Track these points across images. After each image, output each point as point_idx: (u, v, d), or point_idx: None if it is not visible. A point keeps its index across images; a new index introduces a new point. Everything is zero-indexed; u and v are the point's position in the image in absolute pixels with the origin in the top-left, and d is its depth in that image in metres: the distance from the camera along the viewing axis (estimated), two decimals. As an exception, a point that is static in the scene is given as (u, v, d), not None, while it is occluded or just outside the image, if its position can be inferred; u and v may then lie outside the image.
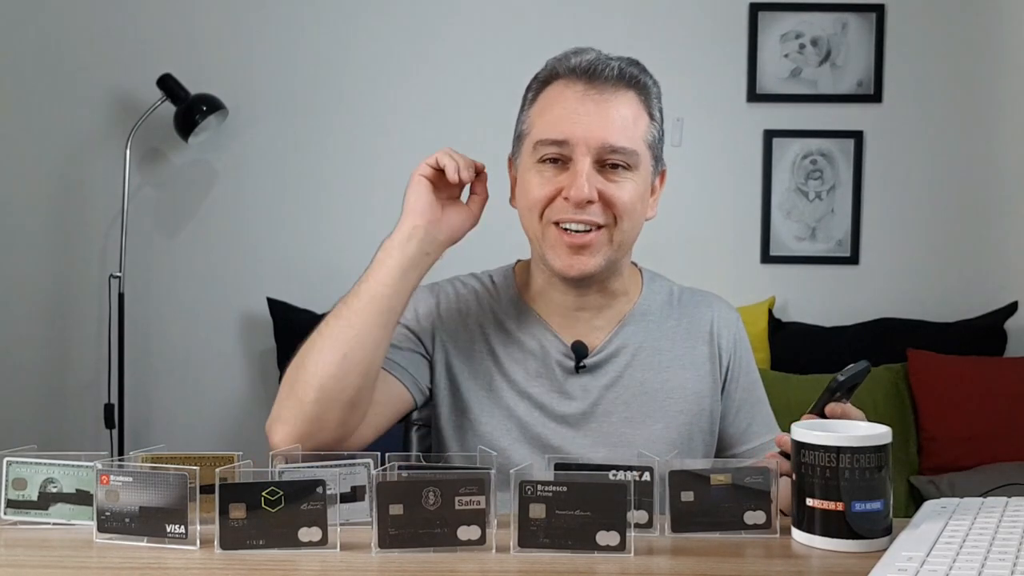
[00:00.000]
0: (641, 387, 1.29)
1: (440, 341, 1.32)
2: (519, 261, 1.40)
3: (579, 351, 1.29)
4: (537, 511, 0.92)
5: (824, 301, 3.00)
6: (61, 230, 3.04)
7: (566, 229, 1.22)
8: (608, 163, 1.21)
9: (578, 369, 1.29)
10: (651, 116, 1.26)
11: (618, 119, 1.21)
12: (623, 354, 1.30)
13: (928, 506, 1.00)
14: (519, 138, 1.29)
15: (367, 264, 1.23)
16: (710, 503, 0.99)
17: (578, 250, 1.22)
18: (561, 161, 1.22)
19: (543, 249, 1.25)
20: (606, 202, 1.21)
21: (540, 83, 1.27)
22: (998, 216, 3.01)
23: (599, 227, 1.22)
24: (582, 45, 1.28)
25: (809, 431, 0.94)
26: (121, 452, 2.73)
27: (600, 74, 1.21)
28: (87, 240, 3.03)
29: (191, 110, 2.81)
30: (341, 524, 0.96)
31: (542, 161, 1.23)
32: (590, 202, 1.19)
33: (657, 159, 1.28)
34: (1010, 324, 2.87)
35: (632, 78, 1.24)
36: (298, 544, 0.94)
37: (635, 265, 1.39)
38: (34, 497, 1.04)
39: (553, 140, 1.21)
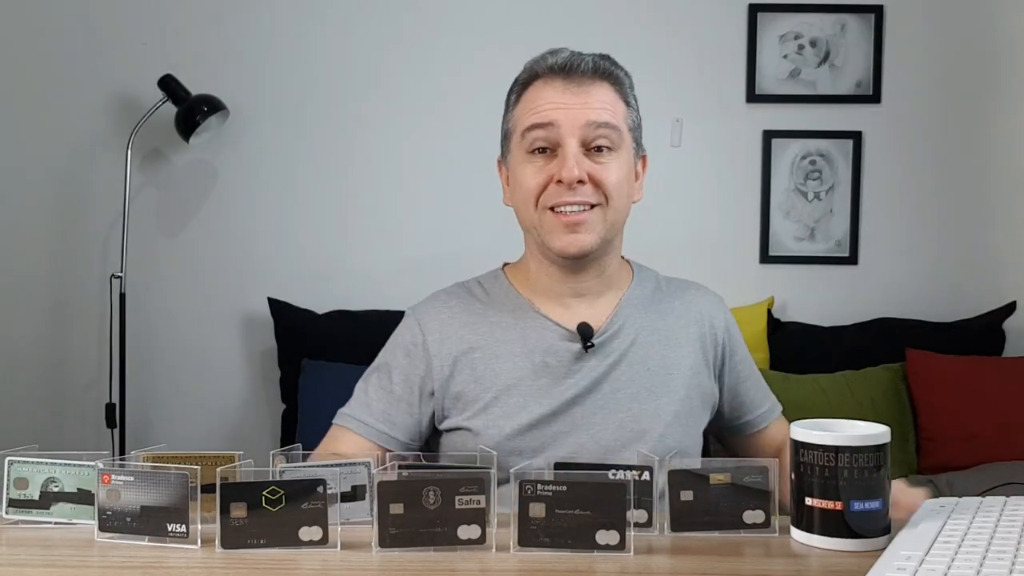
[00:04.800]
0: (644, 364, 1.33)
1: (433, 368, 1.33)
2: (506, 264, 1.44)
3: (585, 332, 1.31)
4: (537, 510, 0.92)
5: (823, 301, 3.00)
6: (63, 230, 3.05)
7: (561, 211, 1.27)
8: (593, 145, 1.28)
9: (587, 348, 1.31)
10: (627, 103, 1.33)
11: (598, 103, 1.29)
12: (625, 334, 1.34)
13: (927, 505, 1.00)
14: (506, 137, 1.36)
15: (365, 266, 1.25)
16: (709, 502, 0.99)
17: (574, 227, 1.27)
18: (550, 149, 1.28)
19: (541, 235, 1.30)
20: (595, 183, 1.27)
21: (521, 85, 1.34)
22: (997, 216, 3.02)
23: (591, 207, 1.28)
24: (578, 45, 1.34)
25: (808, 431, 0.95)
26: (122, 451, 2.73)
27: (576, 69, 1.29)
28: (89, 240, 3.04)
29: (192, 111, 2.81)
30: (341, 523, 0.96)
31: (532, 152, 1.29)
32: (580, 182, 1.26)
33: (637, 143, 1.35)
34: (1008, 324, 2.88)
35: (605, 70, 1.31)
36: (299, 543, 0.94)
37: (624, 259, 1.43)
38: (36, 496, 1.05)
39: (540, 124, 1.28)
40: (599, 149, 1.28)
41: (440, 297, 1.40)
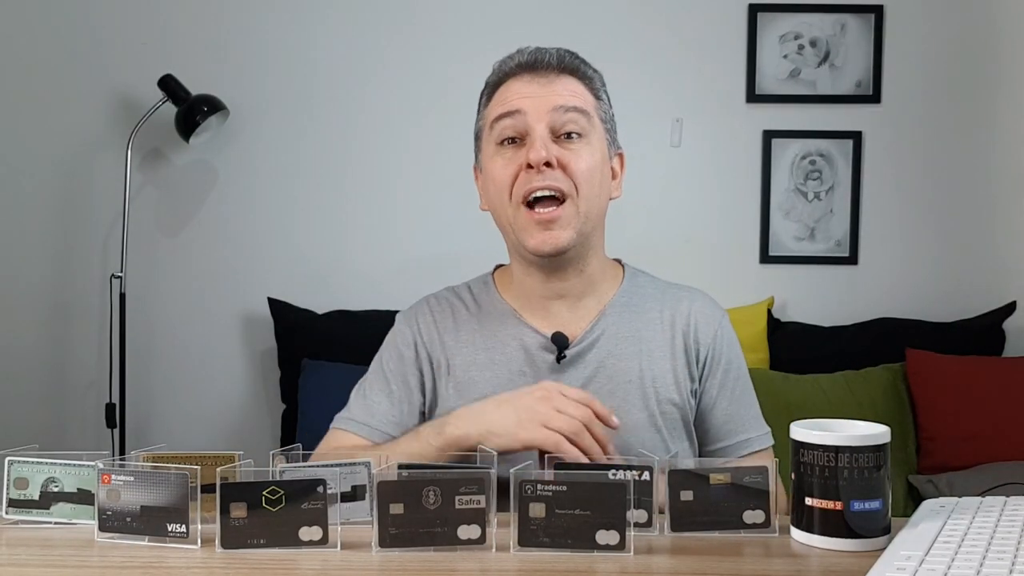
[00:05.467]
0: (624, 376, 1.31)
1: (423, 371, 1.36)
2: (498, 267, 1.43)
3: (560, 342, 1.30)
4: (537, 510, 0.92)
5: (823, 301, 3.00)
6: (63, 230, 3.05)
7: (533, 207, 1.26)
8: (563, 132, 1.27)
9: (559, 359, 1.30)
10: (598, 97, 1.32)
11: (565, 91, 1.29)
12: (604, 343, 1.32)
13: (926, 505, 1.00)
14: (478, 136, 1.36)
15: (365, 266, 1.25)
16: (709, 502, 0.99)
17: (548, 225, 1.26)
18: (519, 139, 1.28)
19: (516, 233, 1.29)
20: (563, 167, 1.26)
21: (491, 86, 1.34)
22: (997, 216, 3.01)
23: (563, 198, 1.26)
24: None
25: (808, 431, 0.95)
26: (122, 451, 2.73)
27: (541, 63, 1.29)
28: (89, 240, 3.04)
29: (192, 111, 2.81)
30: (342, 523, 0.96)
31: (501, 143, 1.29)
32: (548, 164, 1.24)
33: (611, 137, 1.34)
34: (1008, 324, 2.88)
35: (571, 65, 1.31)
36: (299, 543, 0.94)
37: (619, 262, 1.42)
38: (36, 496, 1.05)
39: (507, 112, 1.28)
40: (568, 136, 1.27)
41: (430, 302, 1.41)
